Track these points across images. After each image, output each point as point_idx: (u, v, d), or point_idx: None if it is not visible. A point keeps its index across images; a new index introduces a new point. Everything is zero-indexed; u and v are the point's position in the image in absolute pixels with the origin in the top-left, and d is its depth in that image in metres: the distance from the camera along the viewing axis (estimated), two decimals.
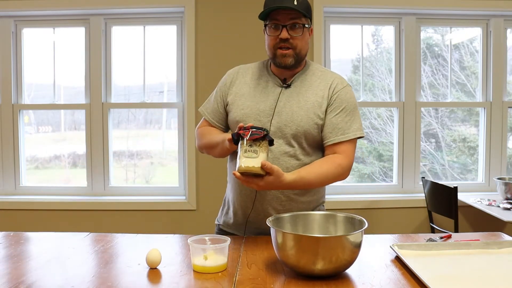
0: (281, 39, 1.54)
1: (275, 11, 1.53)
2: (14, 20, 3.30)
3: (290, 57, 1.56)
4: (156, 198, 3.27)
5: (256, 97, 1.62)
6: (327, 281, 1.18)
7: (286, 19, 1.53)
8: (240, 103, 1.64)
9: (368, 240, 1.58)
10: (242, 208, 1.66)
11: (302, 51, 1.59)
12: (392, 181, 3.48)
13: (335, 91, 1.62)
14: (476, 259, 1.35)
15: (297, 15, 1.53)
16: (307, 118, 1.58)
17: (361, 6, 3.22)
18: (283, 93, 1.61)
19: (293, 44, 1.55)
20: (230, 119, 1.67)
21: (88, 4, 3.17)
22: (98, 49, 3.28)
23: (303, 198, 1.65)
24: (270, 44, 1.58)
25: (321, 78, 1.65)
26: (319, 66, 1.71)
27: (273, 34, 1.56)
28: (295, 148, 1.59)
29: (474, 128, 3.57)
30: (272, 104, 1.60)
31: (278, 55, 1.57)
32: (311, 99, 1.60)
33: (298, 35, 1.55)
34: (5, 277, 1.23)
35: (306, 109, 1.59)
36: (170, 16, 3.29)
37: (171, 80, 3.41)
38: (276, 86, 1.63)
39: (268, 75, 1.66)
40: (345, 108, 1.61)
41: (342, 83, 1.65)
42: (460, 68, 3.52)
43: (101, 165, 3.32)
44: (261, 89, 1.64)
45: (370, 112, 3.52)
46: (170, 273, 1.27)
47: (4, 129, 3.33)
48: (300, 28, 1.55)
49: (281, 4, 1.50)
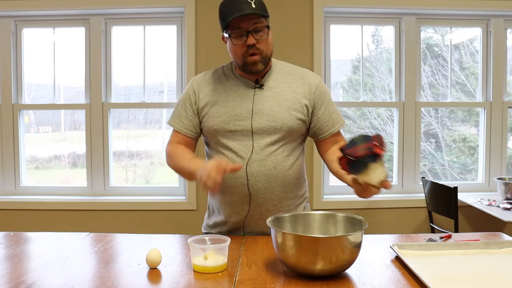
0: (249, 45, 1.52)
1: (237, 19, 1.49)
2: (14, 20, 3.30)
3: (259, 62, 1.55)
4: (156, 198, 3.27)
5: (229, 103, 1.60)
6: (327, 281, 1.18)
7: (249, 25, 1.51)
8: (214, 111, 1.61)
9: (368, 240, 1.58)
10: (237, 212, 1.64)
11: (269, 53, 1.58)
12: (392, 181, 3.48)
13: (315, 87, 1.65)
14: (476, 259, 1.34)
15: (258, 18, 1.51)
16: (289, 116, 1.59)
17: (361, 6, 3.22)
18: (257, 94, 1.61)
19: (260, 48, 1.54)
20: (207, 128, 1.63)
21: (88, 4, 3.17)
22: (98, 49, 3.28)
23: (291, 195, 1.66)
24: (238, 53, 1.55)
25: (293, 74, 1.67)
26: (283, 62, 1.71)
27: (239, 43, 1.53)
28: (280, 146, 1.60)
29: (474, 128, 3.57)
30: (248, 106, 1.59)
31: (249, 63, 1.55)
32: (289, 96, 1.61)
33: (263, 38, 1.54)
34: (5, 277, 1.23)
35: (286, 107, 1.60)
36: (170, 16, 3.29)
37: (171, 80, 3.41)
38: (248, 88, 1.62)
39: (237, 79, 1.64)
40: (328, 99, 1.68)
41: (315, 77, 1.69)
42: (460, 68, 3.52)
43: (101, 165, 3.32)
44: (233, 93, 1.62)
45: (370, 112, 3.52)
46: (170, 273, 1.27)
47: (4, 129, 3.33)
48: (264, 30, 1.53)
49: (242, 12, 1.47)
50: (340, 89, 3.56)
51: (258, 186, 1.58)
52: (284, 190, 1.63)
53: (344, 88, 3.57)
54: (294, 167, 1.64)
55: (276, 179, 1.59)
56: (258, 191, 1.58)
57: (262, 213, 1.62)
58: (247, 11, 1.47)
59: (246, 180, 1.57)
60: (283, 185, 1.62)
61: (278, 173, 1.59)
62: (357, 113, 3.52)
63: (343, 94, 3.55)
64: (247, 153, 1.57)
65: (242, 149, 1.58)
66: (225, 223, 1.68)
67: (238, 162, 1.57)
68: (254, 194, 1.59)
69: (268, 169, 1.58)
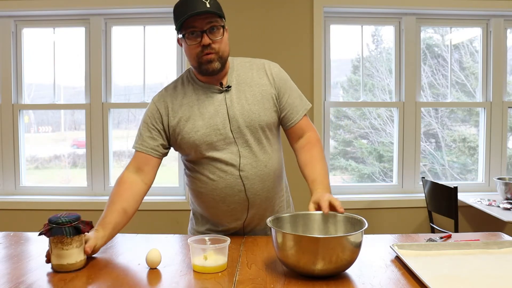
0: (204, 45, 1.47)
1: (191, 19, 1.45)
2: (14, 20, 3.30)
3: (216, 61, 1.50)
4: (156, 198, 3.27)
5: (204, 114, 1.54)
6: (327, 281, 1.18)
7: (203, 24, 1.46)
8: (190, 126, 1.54)
9: (368, 240, 1.58)
10: (238, 219, 1.61)
11: (225, 53, 1.53)
12: (392, 181, 3.48)
13: (276, 75, 1.62)
14: (476, 259, 1.34)
15: (213, 18, 1.47)
16: (264, 110, 1.57)
17: (361, 6, 3.22)
18: (227, 98, 1.56)
19: (215, 48, 1.49)
20: (187, 145, 1.55)
21: (88, 4, 3.17)
22: (98, 49, 3.28)
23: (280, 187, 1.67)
24: (193, 54, 1.51)
25: (252, 68, 1.63)
26: (240, 58, 1.67)
27: (193, 43, 1.48)
28: (265, 144, 1.59)
29: (474, 128, 3.57)
30: (223, 112, 1.54)
31: (204, 61, 1.50)
32: (257, 91, 1.58)
33: (219, 37, 1.49)
34: (5, 277, 1.23)
35: (257, 103, 1.57)
36: (170, 16, 3.27)
37: (171, 80, 3.40)
38: (216, 94, 1.56)
39: (201, 88, 1.58)
40: (289, 85, 1.65)
41: (274, 65, 1.66)
42: (460, 68, 3.52)
43: (101, 165, 3.32)
44: (203, 103, 1.56)
45: (370, 112, 3.52)
46: (170, 273, 1.27)
47: (4, 129, 3.33)
48: (219, 30, 1.49)
49: (195, 10, 1.43)
50: (340, 89, 3.56)
51: (254, 189, 1.57)
52: (275, 185, 1.63)
53: (344, 88, 3.57)
54: (279, 159, 1.65)
55: (268, 177, 1.59)
56: (256, 193, 1.57)
57: (261, 213, 1.61)
58: (201, 9, 1.44)
59: (243, 186, 1.55)
60: (275, 181, 1.62)
61: (269, 171, 1.59)
62: (357, 113, 3.52)
63: (343, 94, 3.55)
64: (236, 159, 1.54)
65: (230, 157, 1.54)
66: (223, 231, 1.65)
67: (229, 170, 1.54)
68: (252, 198, 1.57)
69: (260, 169, 1.56)
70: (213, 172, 1.56)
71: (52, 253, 1.26)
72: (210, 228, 1.68)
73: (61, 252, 1.25)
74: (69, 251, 1.26)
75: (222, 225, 1.65)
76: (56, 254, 1.25)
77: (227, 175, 1.54)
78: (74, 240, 1.27)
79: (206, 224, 1.69)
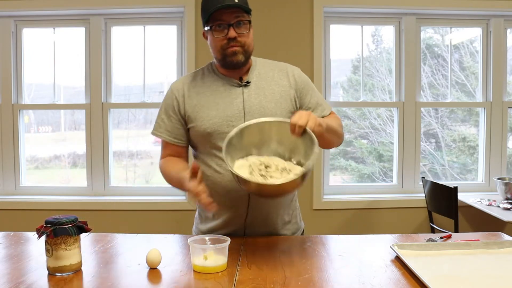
0: (230, 38, 1.49)
1: (218, 12, 1.47)
2: (14, 20, 3.30)
3: (240, 53, 1.52)
4: (156, 198, 3.27)
5: (219, 104, 1.56)
6: (327, 282, 1.18)
7: (231, 18, 1.48)
8: (204, 114, 1.56)
9: (368, 240, 1.58)
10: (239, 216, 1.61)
11: (250, 47, 1.55)
12: (392, 181, 3.48)
13: (297, 77, 1.64)
14: (476, 259, 1.34)
15: (241, 12, 1.49)
16: (280, 109, 1.57)
17: (361, 6, 3.22)
18: (245, 92, 1.58)
19: (241, 41, 1.51)
20: (198, 133, 1.57)
21: (88, 4, 3.17)
22: (98, 49, 3.28)
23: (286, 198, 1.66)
24: (218, 46, 1.52)
25: (274, 69, 1.65)
26: (263, 59, 1.69)
27: (220, 35, 1.51)
28: None
29: (474, 128, 3.57)
30: (239, 106, 1.56)
31: (229, 53, 1.51)
32: (277, 90, 1.60)
33: (245, 32, 1.51)
34: (5, 277, 1.23)
35: (275, 101, 1.58)
36: (170, 16, 3.29)
37: (171, 80, 3.41)
38: (234, 87, 1.58)
39: (221, 79, 1.60)
40: (312, 87, 1.67)
41: (295, 68, 1.68)
42: (460, 68, 3.52)
43: (101, 165, 3.32)
44: (220, 94, 1.57)
45: (370, 112, 3.52)
46: (170, 273, 1.27)
47: (4, 129, 3.33)
48: (245, 24, 1.51)
49: (224, 3, 1.45)
50: (340, 89, 3.56)
51: None
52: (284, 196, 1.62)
53: (344, 88, 3.57)
54: None
55: None
56: None
57: (263, 215, 1.60)
58: (229, 3, 1.46)
59: None
60: None
61: None
62: (357, 113, 3.52)
63: (343, 94, 3.55)
64: None
65: None
66: (224, 228, 1.64)
67: None
68: (255, 197, 1.56)
69: None
70: (220, 165, 1.57)
71: (51, 256, 1.26)
72: (212, 227, 1.66)
73: (63, 253, 1.25)
74: (71, 251, 1.26)
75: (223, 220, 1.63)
76: (56, 256, 1.25)
77: None
78: (77, 240, 1.28)
79: (210, 222, 1.68)
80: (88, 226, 1.32)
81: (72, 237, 1.26)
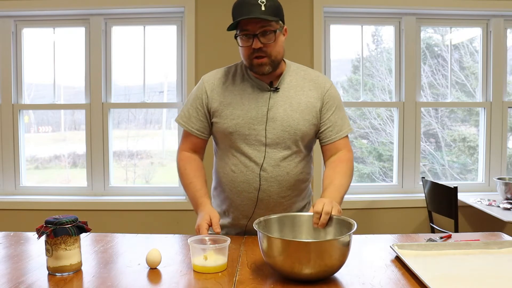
0: (254, 49, 1.50)
1: (245, 21, 1.48)
2: (14, 20, 3.30)
3: (267, 65, 1.53)
4: (156, 198, 3.27)
5: (245, 105, 1.57)
6: (327, 282, 1.18)
7: (256, 28, 1.49)
8: (228, 112, 1.58)
9: (368, 240, 1.58)
10: (246, 216, 1.64)
11: (278, 56, 1.55)
12: (392, 181, 3.48)
13: (326, 90, 1.63)
14: (476, 259, 1.34)
15: (267, 22, 1.49)
16: (303, 121, 1.58)
17: (361, 6, 3.22)
18: (272, 97, 1.58)
19: (267, 52, 1.51)
20: (220, 129, 1.60)
21: (88, 4, 3.17)
22: (98, 49, 3.28)
23: (300, 198, 1.67)
24: (245, 55, 1.54)
25: (306, 78, 1.64)
26: (298, 65, 1.69)
27: (245, 45, 1.52)
28: (293, 151, 1.59)
29: (474, 128, 3.57)
30: (263, 110, 1.56)
31: (255, 64, 1.53)
32: (303, 101, 1.59)
33: (270, 42, 1.51)
34: (5, 277, 1.23)
35: (300, 112, 1.58)
36: (170, 16, 3.29)
37: (171, 80, 3.41)
38: (263, 91, 1.59)
39: (251, 80, 1.61)
40: (337, 105, 1.65)
41: (328, 81, 1.67)
42: (460, 68, 3.52)
43: (101, 165, 3.32)
44: (248, 95, 1.58)
45: (370, 112, 3.52)
46: (170, 273, 1.27)
47: (4, 129, 3.33)
48: (271, 34, 1.50)
49: (250, 14, 1.45)
50: (340, 89, 3.56)
51: (270, 191, 1.58)
52: (295, 194, 1.64)
53: (344, 88, 3.57)
54: (305, 171, 1.64)
55: (288, 184, 1.59)
56: (270, 195, 1.58)
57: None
58: (254, 15, 1.45)
59: (259, 185, 1.57)
60: (294, 189, 1.62)
61: (291, 179, 1.59)
62: (357, 113, 3.52)
63: (343, 94, 3.55)
64: (260, 158, 1.56)
65: (256, 154, 1.56)
66: (232, 226, 1.68)
67: (251, 166, 1.56)
68: (265, 199, 1.58)
69: (281, 174, 1.57)
70: (235, 165, 1.59)
71: (51, 256, 1.26)
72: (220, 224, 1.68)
73: (63, 253, 1.25)
74: (71, 251, 1.26)
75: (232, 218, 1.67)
76: (56, 256, 1.25)
77: (248, 171, 1.57)
78: (77, 240, 1.28)
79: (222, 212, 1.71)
80: (88, 226, 1.32)
81: (72, 237, 1.26)
